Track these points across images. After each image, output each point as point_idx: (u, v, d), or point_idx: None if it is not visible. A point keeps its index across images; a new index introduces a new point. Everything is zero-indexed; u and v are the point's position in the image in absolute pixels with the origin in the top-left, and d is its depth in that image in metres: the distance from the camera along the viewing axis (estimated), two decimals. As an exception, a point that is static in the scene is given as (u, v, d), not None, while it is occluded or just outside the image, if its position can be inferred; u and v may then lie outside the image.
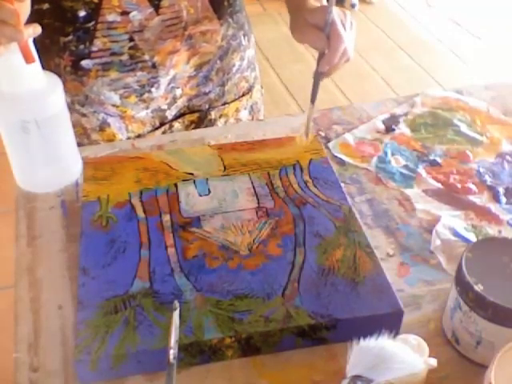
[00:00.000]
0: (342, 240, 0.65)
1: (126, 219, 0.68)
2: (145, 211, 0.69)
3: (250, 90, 1.00)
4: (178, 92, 0.90)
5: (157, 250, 0.64)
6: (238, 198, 0.71)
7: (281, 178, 0.74)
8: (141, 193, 0.72)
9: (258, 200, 0.71)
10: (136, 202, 0.70)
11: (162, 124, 0.93)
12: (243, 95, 0.99)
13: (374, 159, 0.81)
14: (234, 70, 0.94)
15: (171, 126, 0.93)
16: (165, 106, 0.91)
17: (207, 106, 0.95)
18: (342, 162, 0.81)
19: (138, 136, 0.91)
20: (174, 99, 0.91)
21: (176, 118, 0.94)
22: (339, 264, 0.62)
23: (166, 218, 0.68)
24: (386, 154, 0.82)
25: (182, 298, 0.59)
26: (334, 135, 0.85)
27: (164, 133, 0.92)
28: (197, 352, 0.56)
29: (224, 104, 0.97)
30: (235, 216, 0.68)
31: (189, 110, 0.94)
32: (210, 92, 0.93)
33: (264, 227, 0.67)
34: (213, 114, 0.96)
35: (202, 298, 0.59)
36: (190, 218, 0.68)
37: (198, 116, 0.95)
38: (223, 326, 0.56)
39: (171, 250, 0.64)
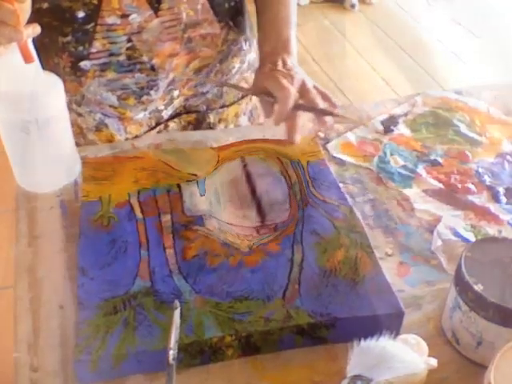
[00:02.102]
0: (343, 241, 0.65)
1: (126, 219, 0.68)
2: (142, 211, 0.69)
3: (248, 91, 0.99)
4: (176, 93, 0.90)
5: (155, 250, 0.64)
6: (226, 205, 0.70)
7: (294, 171, 0.74)
8: (138, 193, 0.71)
9: (264, 214, 0.70)
10: (134, 202, 0.70)
11: (157, 124, 0.92)
12: (242, 97, 0.98)
13: (376, 159, 0.81)
14: (234, 71, 0.94)
15: (166, 126, 0.93)
16: (162, 107, 0.90)
17: (205, 107, 0.94)
18: (341, 163, 0.80)
19: (135, 137, 0.91)
20: (172, 100, 0.90)
21: (172, 117, 0.93)
22: (341, 265, 0.62)
23: (166, 218, 0.68)
24: (385, 154, 0.82)
25: (182, 298, 0.59)
26: (334, 135, 0.85)
27: (159, 132, 0.92)
28: (197, 352, 0.56)
29: (223, 107, 0.96)
30: (228, 227, 0.68)
31: (185, 110, 0.94)
32: (207, 92, 0.93)
33: (267, 238, 0.66)
34: (211, 118, 0.95)
35: (202, 299, 0.59)
36: (192, 216, 0.68)
37: (195, 117, 0.94)
38: (223, 324, 0.56)
39: (169, 251, 0.64)
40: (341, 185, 0.74)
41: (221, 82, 0.91)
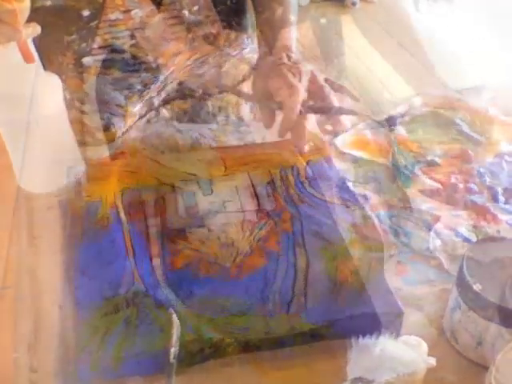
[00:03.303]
0: (356, 248, 0.63)
1: (115, 222, 0.66)
2: (127, 214, 0.67)
3: (250, 73, 0.92)
4: (170, 80, 0.87)
5: (141, 259, 0.62)
6: (240, 198, 0.70)
7: (281, 178, 0.73)
8: (122, 194, 0.69)
9: (259, 202, 0.70)
10: (119, 203, 0.68)
11: (146, 112, 0.87)
12: (243, 80, 0.92)
13: (390, 155, 0.79)
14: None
15: (158, 114, 0.88)
16: (154, 94, 0.87)
17: (201, 91, 0.88)
18: (353, 159, 0.78)
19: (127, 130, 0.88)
20: (165, 86, 0.87)
21: (164, 103, 0.88)
22: (354, 276, 0.60)
23: (154, 222, 0.66)
24: (395, 150, 0.81)
25: (176, 308, 0.57)
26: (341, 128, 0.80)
27: (149, 121, 0.87)
28: (197, 350, 0.55)
29: (221, 92, 0.90)
30: (237, 216, 0.68)
31: (179, 95, 0.88)
32: (204, 73, 0.87)
33: (264, 227, 0.66)
34: (210, 106, 0.90)
35: (195, 313, 0.56)
36: (190, 218, 0.67)
37: (191, 105, 0.89)
38: (222, 332, 0.55)
39: (156, 261, 0.61)
40: (350, 184, 0.72)
41: (221, 85, 0.88)
